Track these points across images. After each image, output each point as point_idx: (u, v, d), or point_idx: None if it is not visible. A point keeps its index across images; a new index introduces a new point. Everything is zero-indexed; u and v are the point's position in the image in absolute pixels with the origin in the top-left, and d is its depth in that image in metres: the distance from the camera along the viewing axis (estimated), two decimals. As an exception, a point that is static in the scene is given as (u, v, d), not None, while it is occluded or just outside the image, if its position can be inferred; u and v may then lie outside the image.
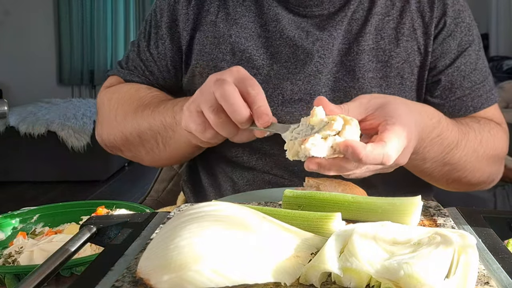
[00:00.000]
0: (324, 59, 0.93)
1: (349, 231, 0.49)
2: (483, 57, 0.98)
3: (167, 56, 1.01)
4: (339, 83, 0.92)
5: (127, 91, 1.01)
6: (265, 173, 0.96)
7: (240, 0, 0.98)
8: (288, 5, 0.96)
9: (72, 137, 4.23)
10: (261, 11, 0.96)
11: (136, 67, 1.04)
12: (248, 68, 0.93)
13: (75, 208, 0.91)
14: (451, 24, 0.94)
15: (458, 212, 0.63)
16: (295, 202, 0.63)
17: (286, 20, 0.95)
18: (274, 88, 0.93)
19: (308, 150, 0.61)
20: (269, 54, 0.94)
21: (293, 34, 0.94)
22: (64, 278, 0.67)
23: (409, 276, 0.41)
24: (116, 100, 1.01)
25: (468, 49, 0.95)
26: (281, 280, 0.45)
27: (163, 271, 0.43)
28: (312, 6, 0.94)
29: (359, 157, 0.61)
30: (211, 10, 0.98)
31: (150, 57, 1.03)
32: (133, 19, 6.00)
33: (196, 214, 0.48)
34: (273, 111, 0.93)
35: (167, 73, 1.03)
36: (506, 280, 0.45)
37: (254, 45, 0.95)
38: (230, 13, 0.97)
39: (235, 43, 0.95)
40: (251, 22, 0.96)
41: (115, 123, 0.99)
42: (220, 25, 0.97)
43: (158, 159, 0.98)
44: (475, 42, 0.96)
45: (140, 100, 0.97)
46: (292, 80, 0.93)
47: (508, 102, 3.41)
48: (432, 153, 0.84)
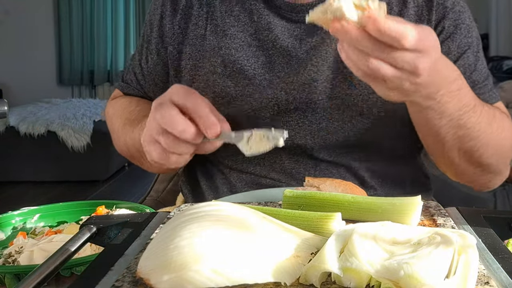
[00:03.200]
0: (318, 67, 0.91)
1: (349, 231, 0.49)
2: (482, 58, 0.97)
3: (155, 70, 1.02)
4: (336, 90, 0.91)
5: (120, 105, 1.04)
6: (263, 177, 0.95)
7: (228, 11, 0.96)
8: (280, 11, 0.94)
9: (72, 137, 4.23)
10: (251, 19, 0.95)
11: (131, 80, 1.06)
12: (241, 78, 0.92)
13: (75, 208, 0.91)
14: (450, 26, 0.93)
15: (458, 212, 0.63)
16: (295, 202, 0.63)
17: (279, 28, 0.93)
18: (268, 98, 0.91)
19: (341, 8, 0.59)
20: (260, 64, 0.93)
21: (286, 44, 0.92)
22: (64, 278, 0.67)
23: (409, 276, 0.41)
24: (112, 113, 1.04)
25: (467, 51, 0.94)
26: (281, 280, 0.45)
27: (163, 271, 0.43)
28: (305, 11, 0.92)
29: (378, 27, 0.59)
30: (200, 24, 0.97)
31: (141, 71, 1.04)
32: (133, 19, 6.00)
33: (196, 214, 0.48)
34: (269, 121, 0.92)
35: (155, 87, 1.03)
36: (506, 280, 0.45)
37: (245, 55, 0.93)
38: (219, 25, 0.96)
39: (225, 55, 0.94)
40: (240, 32, 0.94)
41: (114, 135, 1.03)
42: (209, 38, 0.96)
43: (154, 169, 0.99)
44: (474, 43, 0.95)
45: (129, 114, 0.99)
46: (286, 89, 0.91)
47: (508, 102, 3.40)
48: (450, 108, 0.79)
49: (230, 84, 0.92)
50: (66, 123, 4.30)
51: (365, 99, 0.90)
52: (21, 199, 3.79)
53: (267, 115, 0.92)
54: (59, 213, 0.90)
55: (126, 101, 1.04)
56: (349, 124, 0.91)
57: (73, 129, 4.27)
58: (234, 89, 0.92)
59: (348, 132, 0.91)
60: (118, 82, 1.10)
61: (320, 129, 0.92)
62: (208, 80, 0.94)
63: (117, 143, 1.04)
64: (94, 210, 0.88)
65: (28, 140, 4.21)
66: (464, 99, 0.81)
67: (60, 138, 4.23)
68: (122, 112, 1.01)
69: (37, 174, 4.28)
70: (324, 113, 0.91)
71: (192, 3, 0.98)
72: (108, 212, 0.88)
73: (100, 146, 4.16)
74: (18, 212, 0.88)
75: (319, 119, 0.92)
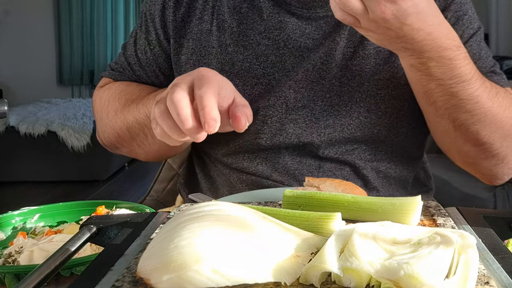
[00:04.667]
0: (326, 65, 0.91)
1: (349, 231, 0.49)
2: (486, 48, 0.96)
3: (157, 62, 1.00)
4: (345, 88, 0.91)
5: (118, 87, 1.01)
6: (265, 178, 0.95)
7: (237, 8, 0.94)
8: (291, 8, 0.92)
9: (72, 137, 4.23)
10: (261, 17, 0.93)
11: (124, 69, 1.04)
12: (248, 77, 0.91)
13: (75, 208, 0.91)
14: (452, 17, 0.92)
15: (458, 212, 0.63)
16: (295, 202, 0.63)
17: (290, 27, 0.92)
18: (277, 97, 0.91)
19: None
20: (270, 63, 0.92)
21: (298, 43, 0.91)
22: (64, 278, 0.67)
23: (409, 276, 0.41)
24: (107, 98, 1.00)
25: (470, 40, 0.93)
26: (281, 280, 0.45)
27: (163, 271, 0.43)
28: (316, 8, 0.92)
29: None
30: (205, 18, 0.95)
31: (138, 62, 1.02)
32: (133, 19, 5.99)
33: (196, 214, 0.48)
34: (277, 120, 0.92)
35: (155, 78, 1.02)
36: (506, 280, 0.45)
37: (253, 54, 0.92)
38: (227, 21, 0.94)
39: (233, 53, 0.93)
40: (249, 30, 0.93)
41: (107, 120, 0.99)
42: (216, 33, 0.94)
43: (150, 152, 0.97)
44: (477, 33, 0.95)
45: (129, 95, 0.96)
46: (295, 88, 0.91)
47: (508, 102, 3.40)
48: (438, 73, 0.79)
49: (238, 82, 0.91)
50: (66, 123, 4.30)
51: (373, 95, 0.90)
52: (21, 199, 3.79)
53: (275, 113, 0.92)
54: (59, 213, 0.90)
55: (123, 84, 1.01)
56: (356, 120, 0.91)
57: (73, 129, 4.27)
58: (242, 88, 0.91)
59: (354, 128, 0.91)
60: (107, 71, 1.07)
61: (327, 126, 0.91)
62: None
63: (103, 128, 1.00)
64: (94, 210, 0.88)
65: (28, 140, 4.21)
66: (458, 69, 0.79)
67: (60, 138, 4.23)
68: (120, 94, 0.98)
69: (37, 174, 4.28)
70: (331, 110, 0.91)
71: None
72: (108, 212, 0.88)
73: (100, 146, 4.10)
74: (18, 212, 0.88)
75: (326, 116, 0.91)
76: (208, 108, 0.67)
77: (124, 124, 0.95)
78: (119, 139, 0.99)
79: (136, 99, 0.93)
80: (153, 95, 0.89)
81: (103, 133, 1.02)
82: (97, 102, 1.03)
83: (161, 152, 0.99)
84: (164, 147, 0.94)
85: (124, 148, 1.01)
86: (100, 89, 1.05)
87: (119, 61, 1.05)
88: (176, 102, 0.68)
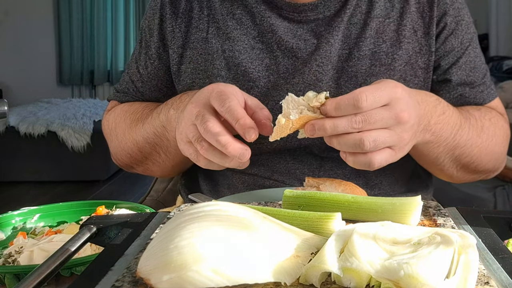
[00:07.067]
0: (322, 67, 0.91)
1: (349, 231, 0.49)
2: (480, 54, 0.99)
3: (158, 75, 1.01)
4: (341, 89, 0.91)
5: (122, 108, 1.03)
6: (266, 178, 0.95)
7: (230, 14, 0.96)
8: (282, 12, 0.94)
9: (72, 137, 4.23)
10: (254, 22, 0.95)
11: (129, 89, 1.05)
12: (245, 81, 0.92)
13: (75, 208, 0.91)
14: (452, 22, 0.94)
15: (458, 212, 0.63)
16: (295, 202, 0.63)
17: (282, 30, 0.93)
18: (273, 100, 0.92)
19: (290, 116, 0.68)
20: (265, 66, 0.93)
21: (290, 45, 0.92)
22: (64, 278, 0.67)
23: (409, 276, 0.41)
24: (113, 120, 1.03)
25: (469, 48, 0.96)
26: (281, 280, 0.45)
27: (163, 271, 0.43)
28: (307, 11, 0.93)
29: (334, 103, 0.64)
30: (201, 27, 0.96)
31: (140, 78, 1.03)
32: (133, 19, 6.00)
33: (196, 214, 0.48)
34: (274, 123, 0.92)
35: (157, 93, 1.03)
36: (506, 280, 0.45)
37: (248, 58, 0.93)
38: (221, 28, 0.95)
39: (229, 58, 0.94)
40: (243, 35, 0.94)
41: (117, 142, 1.01)
42: (212, 40, 0.95)
43: (165, 168, 0.99)
44: (474, 39, 0.97)
45: (133, 114, 0.98)
46: (291, 90, 0.91)
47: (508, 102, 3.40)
48: (443, 133, 0.83)
49: None
50: (66, 123, 4.31)
51: None
52: (21, 199, 3.80)
53: (274, 117, 0.92)
54: (59, 213, 0.90)
55: (126, 105, 1.04)
56: None
57: (73, 129, 4.27)
58: None
59: None
60: (113, 93, 1.09)
61: None
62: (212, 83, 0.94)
63: (115, 150, 1.03)
64: (94, 210, 0.88)
65: (28, 140, 4.21)
66: (451, 119, 0.85)
67: (60, 138, 4.23)
68: (125, 115, 1.00)
69: (37, 174, 4.28)
70: None
71: (192, 6, 0.98)
72: (108, 212, 0.88)
73: (100, 146, 4.15)
74: (18, 212, 0.88)
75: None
76: (242, 120, 0.69)
77: (135, 145, 0.96)
78: (132, 160, 1.00)
79: (141, 118, 0.95)
80: (156, 113, 0.90)
81: (116, 155, 1.04)
82: (106, 126, 1.06)
83: (176, 168, 1.01)
84: (179, 163, 0.96)
85: (139, 167, 1.03)
86: (108, 112, 1.08)
87: (123, 81, 1.07)
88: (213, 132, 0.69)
